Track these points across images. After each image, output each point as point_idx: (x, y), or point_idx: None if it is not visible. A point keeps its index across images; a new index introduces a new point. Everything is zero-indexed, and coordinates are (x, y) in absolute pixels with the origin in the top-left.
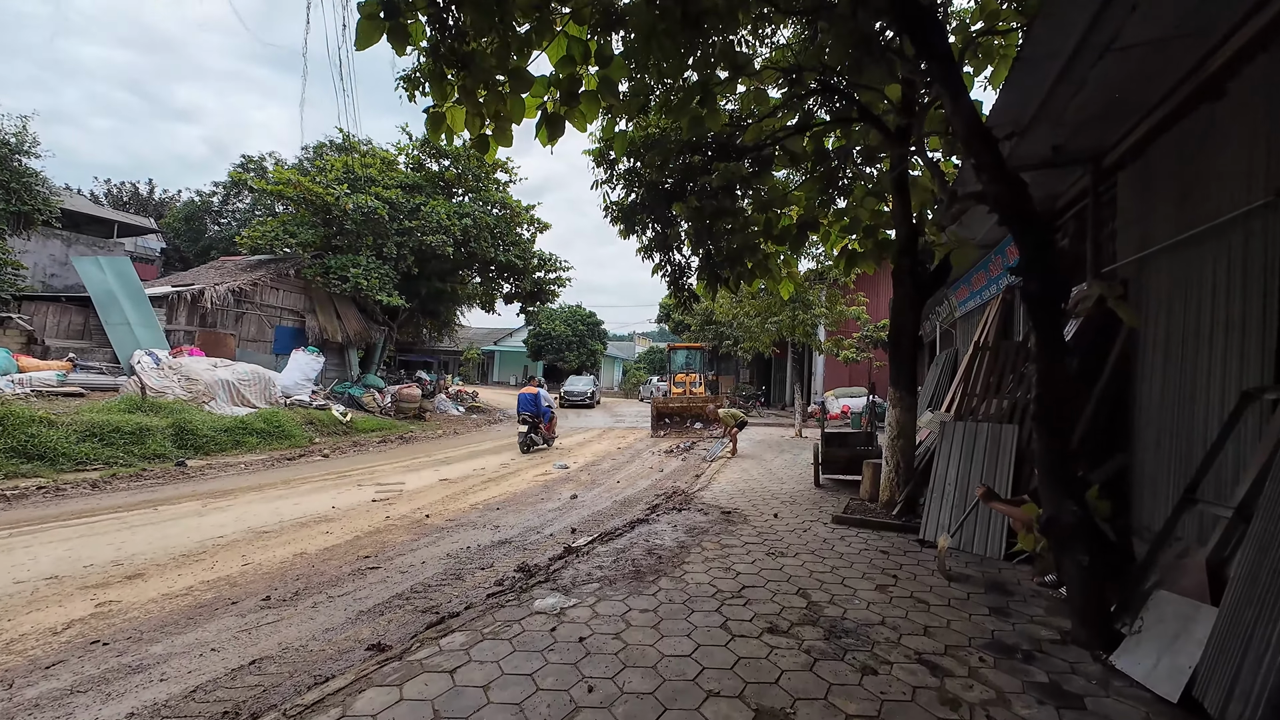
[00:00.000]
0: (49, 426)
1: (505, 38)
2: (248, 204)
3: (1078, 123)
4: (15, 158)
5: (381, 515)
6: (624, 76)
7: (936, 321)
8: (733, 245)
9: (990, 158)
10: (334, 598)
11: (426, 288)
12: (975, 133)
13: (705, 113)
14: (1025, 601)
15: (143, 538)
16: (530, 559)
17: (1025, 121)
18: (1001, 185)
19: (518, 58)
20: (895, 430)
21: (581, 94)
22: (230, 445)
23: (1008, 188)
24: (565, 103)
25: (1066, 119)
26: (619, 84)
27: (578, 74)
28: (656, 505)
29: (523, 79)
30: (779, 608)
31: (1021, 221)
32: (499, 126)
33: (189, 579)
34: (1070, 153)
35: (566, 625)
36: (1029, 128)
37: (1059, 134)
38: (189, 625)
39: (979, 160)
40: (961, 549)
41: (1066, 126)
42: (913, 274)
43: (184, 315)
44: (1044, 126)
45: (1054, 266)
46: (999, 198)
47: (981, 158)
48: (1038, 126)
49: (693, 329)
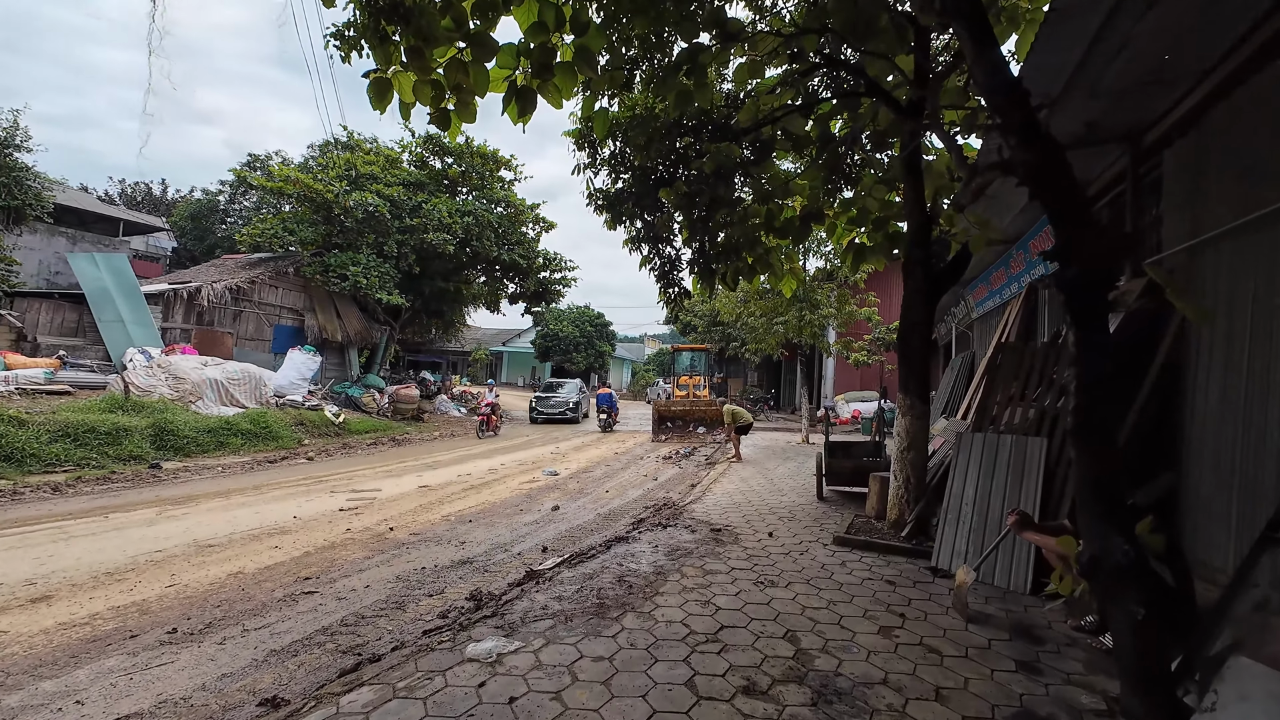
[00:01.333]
0: (19, 426)
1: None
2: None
3: (1117, 92)
4: (7, 151)
5: (343, 527)
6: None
7: (952, 323)
8: (733, 238)
9: (1019, 116)
10: (249, 631)
11: (429, 287)
12: (1001, 84)
13: (693, 86)
14: (1059, 653)
15: (75, 551)
16: (487, 584)
17: (1056, 92)
18: (1033, 151)
19: (480, 22)
20: (905, 440)
21: (556, 65)
22: (213, 447)
23: (1040, 153)
24: (538, 75)
25: (1104, 88)
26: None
27: (551, 43)
28: (642, 520)
29: (486, 46)
30: (760, 657)
31: (1058, 194)
32: (461, 100)
33: (99, 603)
34: (1107, 129)
35: (499, 679)
36: (1060, 100)
37: (1094, 107)
38: (68, 665)
39: (1005, 120)
40: (980, 580)
41: (1103, 98)
42: (925, 267)
43: (181, 313)
44: (1077, 98)
45: (1098, 248)
46: (1030, 166)
47: (1009, 116)
48: (1070, 98)
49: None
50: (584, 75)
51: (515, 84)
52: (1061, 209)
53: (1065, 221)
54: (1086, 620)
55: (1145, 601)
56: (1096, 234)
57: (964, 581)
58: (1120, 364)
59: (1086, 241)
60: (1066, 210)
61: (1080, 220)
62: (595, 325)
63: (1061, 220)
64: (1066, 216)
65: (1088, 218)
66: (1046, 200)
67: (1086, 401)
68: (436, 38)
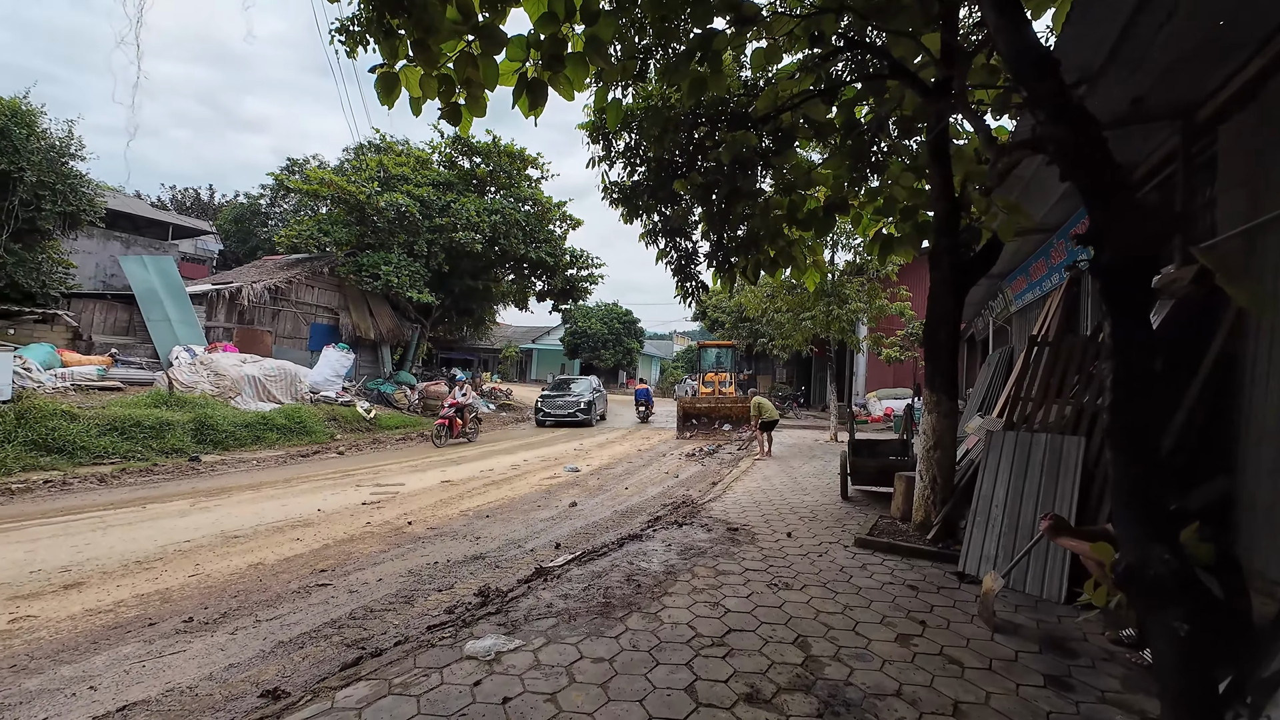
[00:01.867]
0: (70, 420)
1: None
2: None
3: (1165, 65)
4: (63, 160)
5: (363, 521)
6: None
7: (990, 317)
8: (757, 230)
9: (1048, 87)
10: (261, 622)
11: (459, 285)
12: (1027, 54)
13: (708, 73)
14: (1094, 668)
15: (110, 540)
16: (497, 580)
17: (1095, 67)
18: (1063, 125)
19: (489, 14)
20: (931, 439)
21: (567, 56)
22: (250, 441)
23: (1071, 128)
24: (549, 67)
25: (1150, 61)
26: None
27: (561, 33)
28: (658, 518)
29: (494, 38)
30: (767, 663)
31: (1092, 173)
32: (471, 94)
33: (125, 591)
34: (1155, 105)
35: (495, 678)
36: (1100, 75)
37: (1140, 82)
38: (88, 651)
39: (1033, 92)
40: (1010, 587)
41: (1150, 71)
42: (953, 256)
43: (223, 313)
44: (1120, 72)
45: (1138, 231)
46: (1061, 142)
47: (1036, 88)
48: (1112, 73)
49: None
50: (595, 66)
51: (526, 76)
52: (1096, 189)
53: (1101, 202)
54: (1126, 633)
55: (1188, 616)
56: (1136, 216)
57: (991, 588)
58: (1170, 357)
59: (1125, 224)
60: (1102, 190)
61: (1117, 201)
62: (623, 322)
63: (1096, 201)
64: (1102, 197)
65: (1126, 198)
66: (1080, 180)
67: (1124, 397)
68: (441, 30)
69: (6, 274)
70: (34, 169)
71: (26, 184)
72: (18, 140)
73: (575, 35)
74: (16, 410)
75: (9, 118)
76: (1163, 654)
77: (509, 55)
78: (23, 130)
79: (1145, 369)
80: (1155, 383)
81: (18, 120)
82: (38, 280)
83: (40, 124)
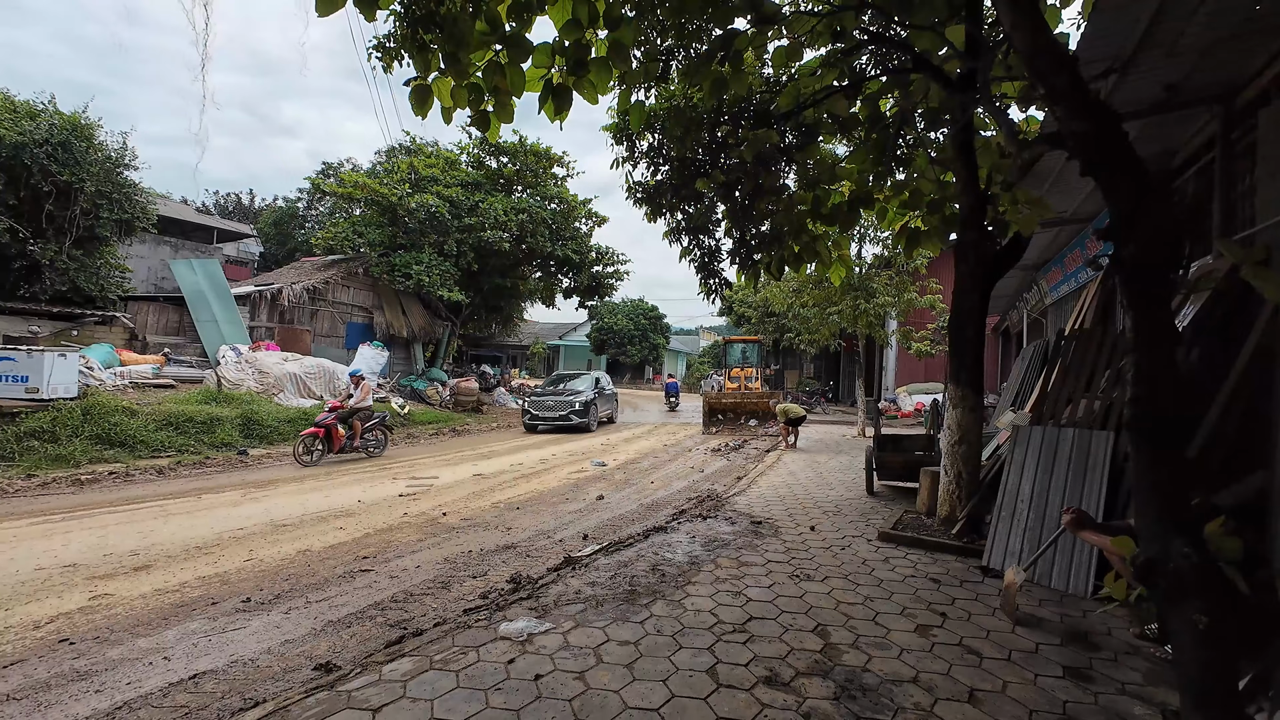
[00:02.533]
0: (130, 416)
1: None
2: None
3: (1201, 48)
4: (118, 170)
5: (400, 512)
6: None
7: (1025, 309)
8: (781, 226)
9: (1065, 82)
10: (311, 603)
11: (487, 283)
12: (1043, 48)
13: (729, 72)
14: (1116, 661)
15: (172, 527)
16: (528, 568)
17: (1128, 52)
18: (1082, 120)
19: (516, 23)
20: (956, 434)
21: (590, 61)
22: (292, 435)
23: (1091, 123)
24: (573, 72)
25: (1184, 44)
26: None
27: (585, 39)
28: (683, 511)
29: (521, 47)
30: (786, 649)
31: (1113, 166)
32: (499, 101)
33: (188, 573)
34: (1191, 91)
35: (528, 657)
36: (1133, 60)
37: (1174, 67)
38: (159, 626)
39: (1049, 87)
40: (1036, 581)
41: (1184, 55)
42: (979, 249)
43: (265, 313)
44: (1153, 57)
45: (1158, 224)
46: (1080, 138)
47: (1053, 83)
48: (1145, 58)
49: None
50: (618, 70)
51: (551, 82)
52: (1116, 182)
53: (1121, 195)
54: (1150, 628)
55: (1209, 610)
56: (1157, 210)
57: (1013, 582)
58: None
59: (1146, 219)
60: (1122, 183)
61: (1137, 193)
62: (649, 318)
63: (1117, 194)
64: (1122, 190)
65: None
66: (1100, 173)
67: (1145, 392)
68: (471, 43)
69: (69, 279)
70: (93, 179)
71: (86, 194)
72: (78, 153)
73: (599, 40)
74: (82, 407)
75: (70, 132)
76: (1183, 647)
77: (535, 62)
78: (82, 143)
79: (1167, 363)
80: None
81: (78, 134)
82: (97, 284)
83: (98, 137)
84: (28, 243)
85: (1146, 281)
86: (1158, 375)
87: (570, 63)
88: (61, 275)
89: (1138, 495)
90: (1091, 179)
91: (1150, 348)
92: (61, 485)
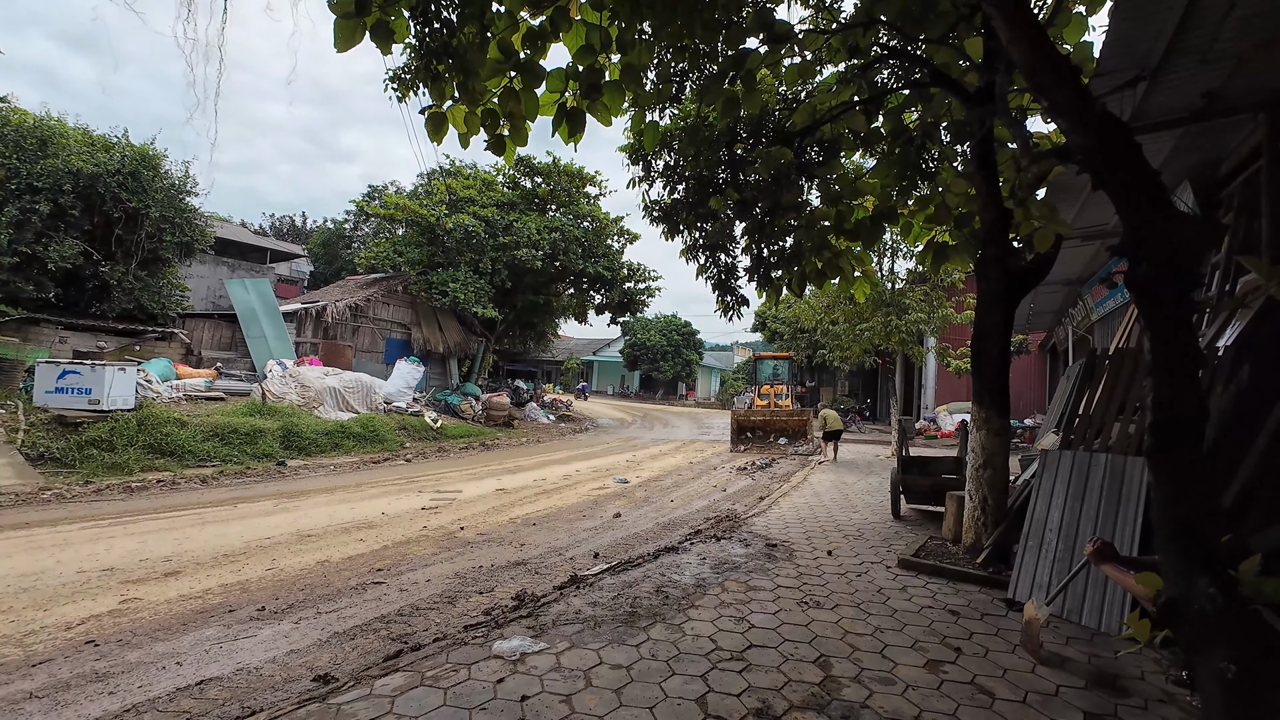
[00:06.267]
0: (180, 427)
1: (508, 26)
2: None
3: (1238, 54)
4: (181, 197)
5: (420, 525)
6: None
7: (1070, 325)
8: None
9: (1066, 96)
10: (321, 614)
11: (521, 300)
12: (1043, 60)
13: (742, 92)
14: (1145, 709)
15: (205, 535)
16: (534, 585)
17: (1156, 58)
18: (1086, 135)
19: (530, 51)
20: (980, 457)
21: (604, 85)
22: (329, 448)
23: (1098, 135)
24: (586, 95)
25: (1219, 50)
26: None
27: (598, 64)
28: (697, 531)
29: (534, 73)
30: (783, 680)
31: (1124, 180)
32: (514, 126)
33: (213, 580)
34: (1231, 98)
35: (517, 677)
36: (1163, 67)
37: (1210, 74)
38: (179, 631)
39: (1052, 101)
40: (1064, 617)
41: (1220, 62)
42: (1001, 265)
43: (310, 329)
44: (1185, 65)
45: (1175, 239)
46: (1087, 151)
47: (1055, 97)
48: (1175, 66)
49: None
50: (631, 92)
51: (565, 106)
52: (1128, 197)
53: (1133, 210)
54: (1185, 673)
55: (1238, 657)
56: (1172, 224)
57: (1034, 617)
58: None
59: (1160, 232)
60: (1134, 198)
61: (1151, 208)
62: (682, 334)
63: (1129, 209)
64: (1134, 205)
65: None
66: (1111, 188)
67: (1165, 418)
68: (483, 71)
69: (134, 298)
70: (158, 205)
71: (151, 219)
72: (146, 181)
73: (612, 64)
74: (138, 418)
75: (139, 162)
76: (1210, 696)
77: (549, 87)
78: (149, 172)
79: (1188, 387)
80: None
81: (145, 164)
82: (159, 303)
83: (163, 166)
84: (99, 265)
85: (1162, 301)
86: (1178, 401)
87: (584, 87)
88: (128, 294)
89: (1159, 530)
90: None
91: (1169, 371)
92: (114, 491)
